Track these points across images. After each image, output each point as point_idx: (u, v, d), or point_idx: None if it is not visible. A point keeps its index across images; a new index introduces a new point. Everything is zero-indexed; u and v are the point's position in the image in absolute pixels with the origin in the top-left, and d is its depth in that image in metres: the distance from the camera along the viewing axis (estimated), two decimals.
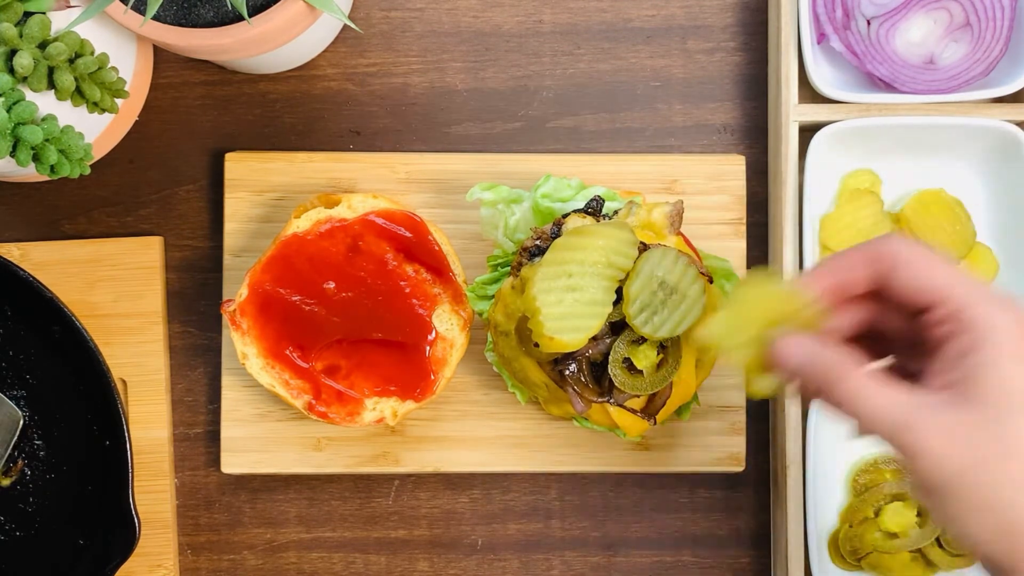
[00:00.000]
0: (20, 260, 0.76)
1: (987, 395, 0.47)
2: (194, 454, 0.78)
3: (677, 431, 0.76)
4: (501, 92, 0.79)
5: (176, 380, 0.78)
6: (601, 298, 0.63)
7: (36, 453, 0.75)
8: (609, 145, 0.78)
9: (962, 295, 0.49)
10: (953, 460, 0.47)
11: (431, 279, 0.72)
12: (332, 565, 0.78)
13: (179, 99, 0.79)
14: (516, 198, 0.71)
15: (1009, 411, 0.46)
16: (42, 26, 0.62)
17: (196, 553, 0.78)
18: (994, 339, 0.47)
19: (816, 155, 0.73)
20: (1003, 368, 0.47)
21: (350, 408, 0.71)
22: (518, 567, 0.78)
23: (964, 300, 0.48)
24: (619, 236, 0.63)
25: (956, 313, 0.49)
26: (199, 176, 0.79)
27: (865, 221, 0.74)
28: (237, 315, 0.71)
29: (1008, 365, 0.47)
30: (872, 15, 0.74)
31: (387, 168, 0.76)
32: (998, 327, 0.47)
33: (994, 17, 0.73)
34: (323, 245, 0.71)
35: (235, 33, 0.65)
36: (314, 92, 0.78)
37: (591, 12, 0.79)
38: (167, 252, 0.78)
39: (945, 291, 0.49)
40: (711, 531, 0.78)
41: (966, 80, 0.73)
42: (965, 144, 0.75)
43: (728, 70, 0.79)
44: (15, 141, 0.62)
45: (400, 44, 0.79)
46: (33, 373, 0.75)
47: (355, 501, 0.78)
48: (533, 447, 0.76)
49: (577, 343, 0.62)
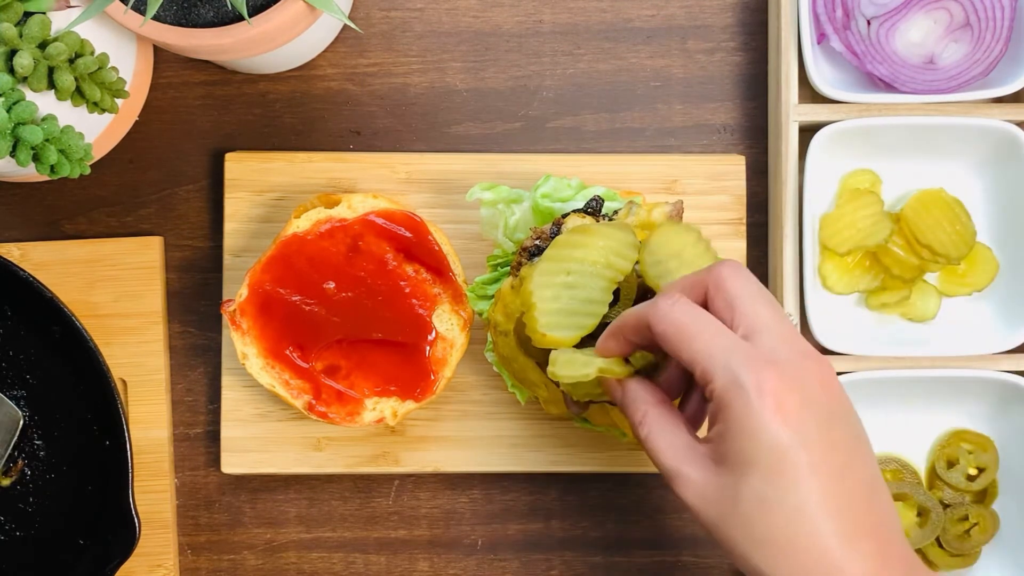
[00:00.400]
0: (20, 260, 0.76)
1: (728, 459, 0.51)
2: (194, 454, 0.78)
3: None
4: (501, 92, 0.79)
5: (176, 380, 0.78)
6: (598, 297, 0.62)
7: (36, 453, 0.75)
8: (609, 145, 0.78)
9: (704, 366, 0.52)
10: (704, 514, 0.52)
11: (431, 279, 0.72)
12: (332, 565, 0.78)
13: (179, 99, 0.79)
14: (516, 198, 0.71)
15: (742, 476, 0.51)
16: (42, 26, 0.62)
17: (196, 553, 0.78)
18: (731, 410, 0.51)
19: (816, 155, 0.73)
20: (738, 437, 0.51)
21: (350, 408, 0.71)
22: (518, 567, 0.78)
23: (706, 371, 0.52)
24: (620, 237, 0.63)
25: (703, 382, 0.53)
26: (199, 176, 0.79)
27: (865, 221, 0.74)
28: (237, 315, 0.71)
29: (742, 434, 0.50)
30: (872, 15, 0.74)
31: (387, 168, 0.76)
32: (735, 398, 0.51)
33: (994, 17, 0.73)
34: (323, 245, 0.71)
35: (235, 33, 0.65)
36: (314, 92, 0.78)
37: (591, 12, 0.79)
38: (167, 252, 0.78)
39: (694, 361, 0.53)
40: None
41: (966, 80, 0.73)
42: (965, 144, 0.75)
43: (728, 70, 0.79)
44: (15, 141, 0.62)
45: (400, 44, 0.79)
46: (33, 373, 0.75)
47: (355, 501, 0.78)
48: (533, 447, 0.76)
49: (570, 340, 0.62)
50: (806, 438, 0.50)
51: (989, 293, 0.77)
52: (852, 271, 0.76)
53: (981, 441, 0.76)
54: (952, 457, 0.76)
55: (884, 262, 0.75)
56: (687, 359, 0.53)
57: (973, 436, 0.76)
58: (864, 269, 0.76)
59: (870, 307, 0.77)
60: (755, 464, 0.50)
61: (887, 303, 0.76)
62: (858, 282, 0.76)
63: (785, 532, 0.50)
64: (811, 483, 0.49)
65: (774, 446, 0.50)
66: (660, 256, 0.61)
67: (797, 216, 0.74)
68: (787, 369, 0.51)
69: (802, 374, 0.51)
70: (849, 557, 0.49)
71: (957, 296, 0.77)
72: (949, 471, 0.76)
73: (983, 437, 0.76)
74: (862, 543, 0.50)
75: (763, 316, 0.53)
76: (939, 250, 0.74)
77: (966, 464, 0.76)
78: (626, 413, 0.58)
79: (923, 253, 0.75)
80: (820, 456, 0.50)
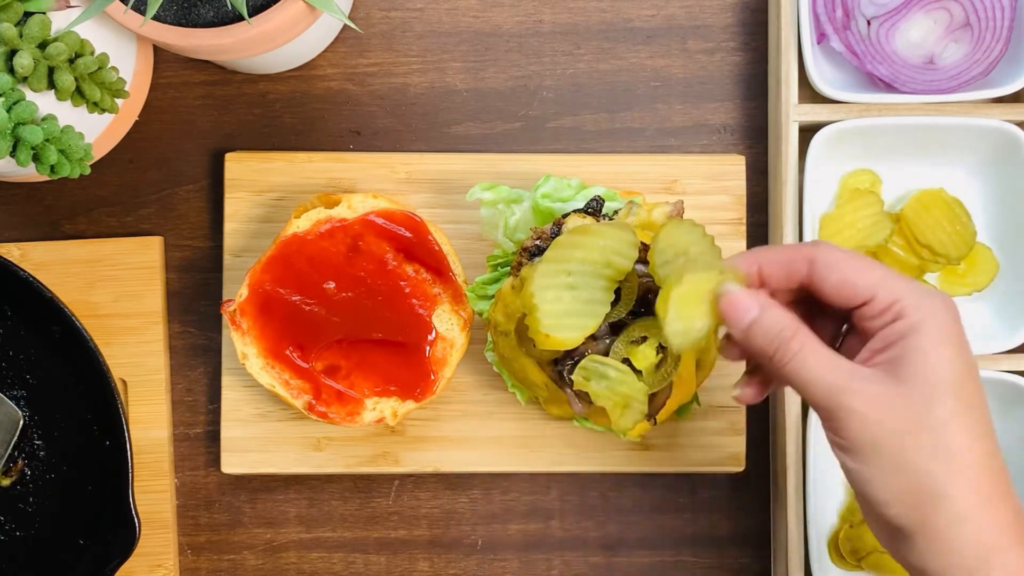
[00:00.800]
0: (20, 260, 0.76)
1: (916, 375, 0.52)
2: (194, 454, 0.78)
3: (677, 431, 0.76)
4: (501, 92, 0.79)
5: (176, 380, 0.78)
6: (600, 297, 0.62)
7: (36, 453, 0.75)
8: (609, 145, 0.78)
9: (895, 289, 0.54)
10: (879, 424, 0.52)
11: (431, 279, 0.72)
12: (332, 565, 0.78)
13: (179, 99, 0.79)
14: (516, 198, 0.71)
15: (933, 391, 0.52)
16: (42, 26, 0.62)
17: (196, 553, 0.78)
18: (925, 327, 0.52)
19: (816, 155, 0.73)
20: (931, 353, 0.52)
21: (350, 408, 0.71)
22: (518, 567, 0.78)
23: (898, 293, 0.53)
24: (620, 236, 0.63)
25: (891, 305, 0.53)
26: (199, 176, 0.79)
27: (865, 221, 0.74)
28: (237, 315, 0.71)
29: (935, 350, 0.52)
30: (872, 15, 0.74)
31: (387, 168, 0.76)
32: (928, 316, 0.52)
33: (994, 17, 0.73)
34: (323, 245, 0.71)
35: (235, 33, 0.65)
36: (314, 92, 0.78)
37: (591, 12, 0.79)
38: (167, 252, 0.78)
39: (879, 286, 0.54)
40: (711, 531, 0.78)
41: (966, 80, 0.73)
42: (965, 144, 0.75)
43: (728, 70, 0.79)
44: (15, 141, 0.62)
45: (400, 44, 0.79)
46: (33, 373, 0.75)
47: (355, 501, 0.78)
48: (533, 447, 0.76)
49: (573, 341, 0.62)
50: (975, 370, 0.53)
51: (989, 293, 0.77)
52: None
53: None
54: None
55: (884, 262, 0.75)
56: (868, 283, 0.54)
57: None
58: None
59: None
60: (947, 385, 0.52)
61: None
62: None
63: (972, 449, 0.51)
64: (987, 414, 0.53)
65: (967, 372, 0.52)
66: (668, 256, 0.61)
67: (797, 216, 0.74)
68: (955, 309, 0.54)
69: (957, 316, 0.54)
70: (1012, 492, 0.52)
71: (957, 296, 0.77)
72: None
73: None
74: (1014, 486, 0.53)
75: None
76: (939, 250, 0.74)
77: None
78: (762, 334, 0.55)
79: (923, 253, 0.75)
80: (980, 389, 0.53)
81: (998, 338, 0.74)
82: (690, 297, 0.57)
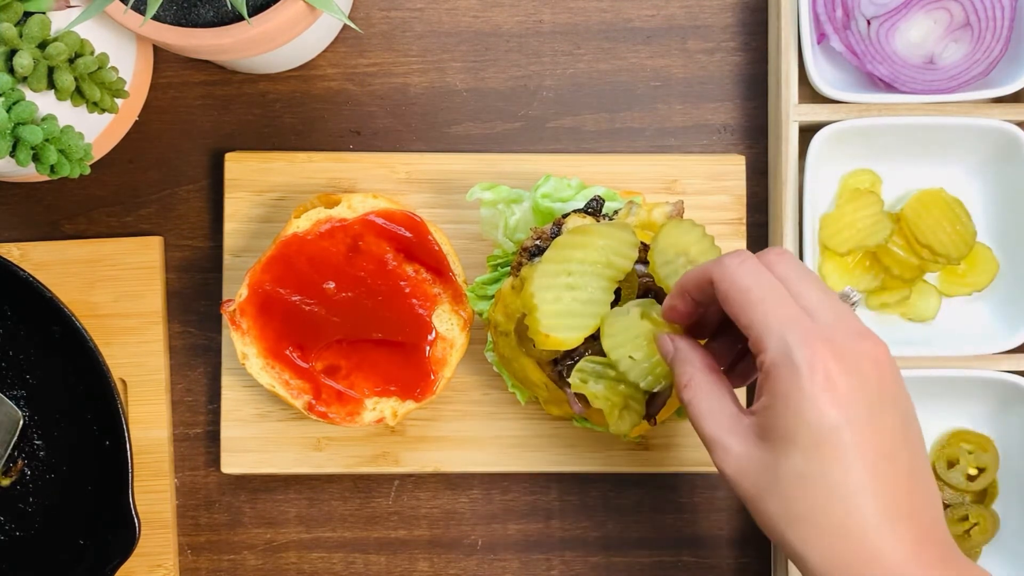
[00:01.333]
0: (20, 260, 0.76)
1: (771, 434, 0.51)
2: (194, 454, 0.78)
3: (677, 431, 0.76)
4: (501, 92, 0.79)
5: (176, 380, 0.78)
6: (600, 298, 0.62)
7: (36, 453, 0.75)
8: (609, 145, 0.78)
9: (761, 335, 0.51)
10: (741, 487, 0.52)
11: (431, 279, 0.72)
12: (332, 565, 0.78)
13: (179, 99, 0.79)
14: (516, 198, 0.71)
15: (783, 453, 0.50)
16: (42, 26, 0.62)
17: (196, 553, 0.78)
18: (779, 383, 0.50)
19: (816, 155, 0.73)
20: (783, 412, 0.50)
21: (350, 408, 0.71)
22: (518, 567, 0.78)
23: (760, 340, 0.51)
24: (620, 236, 0.63)
25: (755, 351, 0.52)
26: (199, 176, 0.79)
27: (865, 221, 0.74)
28: (237, 315, 0.71)
29: (788, 405, 0.50)
30: (872, 15, 0.74)
31: (387, 168, 0.76)
32: (785, 372, 0.50)
33: (994, 17, 0.73)
34: (323, 245, 0.71)
35: (235, 33, 0.65)
36: (314, 92, 0.78)
37: (591, 12, 0.79)
38: (167, 252, 0.78)
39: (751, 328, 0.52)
40: (711, 531, 0.78)
41: (966, 80, 0.73)
42: (965, 144, 0.75)
43: (728, 70, 0.79)
44: (15, 141, 0.62)
45: (400, 44, 0.79)
46: (33, 373, 0.75)
47: (355, 501, 0.78)
48: (533, 447, 0.76)
49: (573, 342, 0.62)
50: (852, 419, 0.50)
51: (989, 293, 0.77)
52: (852, 271, 0.76)
53: (981, 441, 0.76)
54: (952, 457, 0.76)
55: (884, 262, 0.75)
56: (744, 323, 0.52)
57: (973, 436, 0.76)
58: (864, 269, 0.76)
59: (870, 307, 0.77)
60: (798, 440, 0.50)
61: (887, 303, 0.76)
62: (858, 282, 0.76)
63: (823, 510, 0.49)
64: (853, 464, 0.49)
65: (820, 424, 0.49)
66: (669, 256, 0.61)
67: (797, 216, 0.74)
68: (841, 349, 0.50)
69: (856, 355, 0.51)
70: (885, 539, 0.49)
71: (957, 296, 0.77)
72: (949, 471, 0.76)
73: (983, 437, 0.76)
74: (899, 526, 0.49)
75: (814, 296, 0.53)
76: (939, 250, 0.74)
77: (966, 464, 0.76)
78: (674, 374, 0.57)
79: (923, 253, 0.75)
80: (865, 438, 0.50)
81: (998, 338, 0.74)
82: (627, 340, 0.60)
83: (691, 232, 0.62)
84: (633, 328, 0.60)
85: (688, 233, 0.62)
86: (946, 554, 0.51)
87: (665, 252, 0.61)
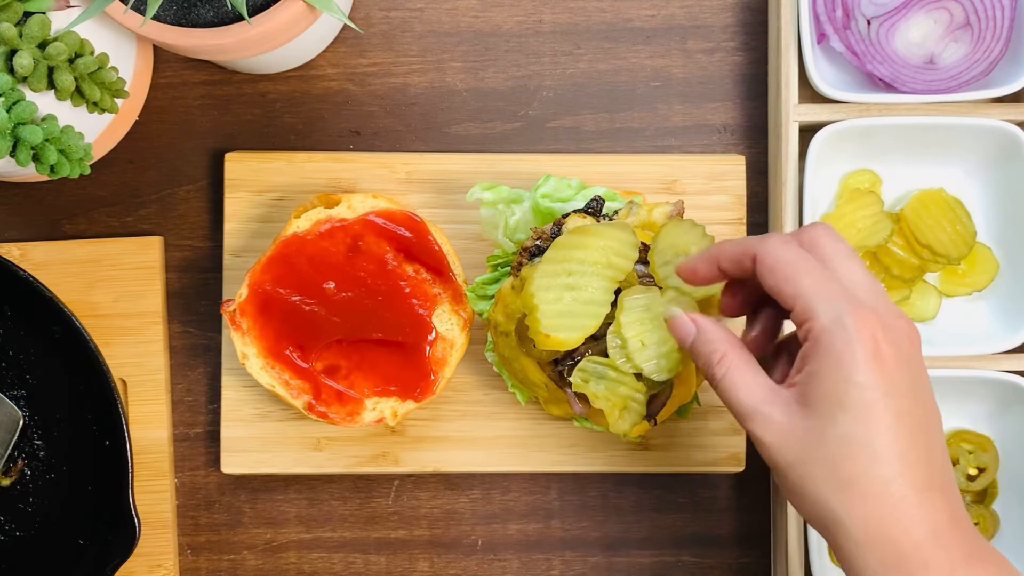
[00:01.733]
0: (20, 260, 0.76)
1: (817, 400, 0.52)
2: (194, 454, 0.78)
3: (677, 431, 0.76)
4: (501, 92, 0.79)
5: (176, 380, 0.78)
6: (600, 298, 0.62)
7: (36, 453, 0.75)
8: (609, 145, 0.78)
9: (810, 305, 0.53)
10: (782, 454, 0.53)
11: (431, 279, 0.72)
12: (332, 565, 0.78)
13: (179, 99, 0.79)
14: (516, 198, 0.71)
15: (831, 416, 0.51)
16: (42, 26, 0.62)
17: (196, 553, 0.78)
18: (830, 348, 0.52)
19: (816, 155, 0.73)
20: (828, 376, 0.52)
21: (350, 408, 0.71)
22: (518, 567, 0.78)
23: (810, 311, 0.53)
24: (620, 237, 0.63)
25: (804, 321, 0.53)
26: (199, 176, 0.79)
27: (865, 221, 0.74)
28: (237, 315, 0.71)
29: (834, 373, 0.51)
30: (872, 15, 0.74)
31: (387, 168, 0.76)
32: (835, 336, 0.52)
33: (994, 17, 0.73)
34: (323, 245, 0.71)
35: (235, 33, 0.65)
36: (314, 92, 0.78)
37: (591, 12, 0.79)
38: (167, 252, 0.78)
39: (799, 299, 0.53)
40: (711, 531, 0.78)
41: (966, 80, 0.73)
42: (965, 144, 0.75)
43: (728, 70, 0.79)
44: (15, 141, 0.62)
45: (400, 44, 0.79)
46: (33, 373, 0.75)
47: (355, 501, 0.78)
48: (533, 447, 0.76)
49: (573, 342, 0.62)
50: (898, 388, 0.51)
51: (989, 293, 0.77)
52: None
53: (981, 441, 0.76)
54: (952, 457, 0.76)
55: (884, 262, 0.75)
56: (791, 293, 0.53)
57: (973, 436, 0.76)
58: None
59: None
60: (847, 404, 0.51)
61: None
62: None
63: (865, 475, 0.51)
64: (899, 431, 0.51)
65: (869, 388, 0.51)
66: (668, 256, 0.61)
67: (797, 216, 0.74)
68: (886, 322, 0.52)
69: (897, 330, 0.53)
70: (923, 507, 0.51)
71: (957, 296, 0.77)
72: None
73: (983, 437, 0.76)
74: (935, 496, 0.51)
75: (858, 274, 0.54)
76: (939, 250, 0.74)
77: (966, 464, 0.76)
78: (699, 354, 0.57)
79: (923, 253, 0.75)
80: (907, 409, 0.51)
81: (998, 338, 0.74)
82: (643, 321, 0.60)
83: (691, 232, 0.62)
84: (653, 306, 0.61)
85: (688, 233, 0.62)
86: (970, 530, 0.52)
87: (665, 252, 0.61)
